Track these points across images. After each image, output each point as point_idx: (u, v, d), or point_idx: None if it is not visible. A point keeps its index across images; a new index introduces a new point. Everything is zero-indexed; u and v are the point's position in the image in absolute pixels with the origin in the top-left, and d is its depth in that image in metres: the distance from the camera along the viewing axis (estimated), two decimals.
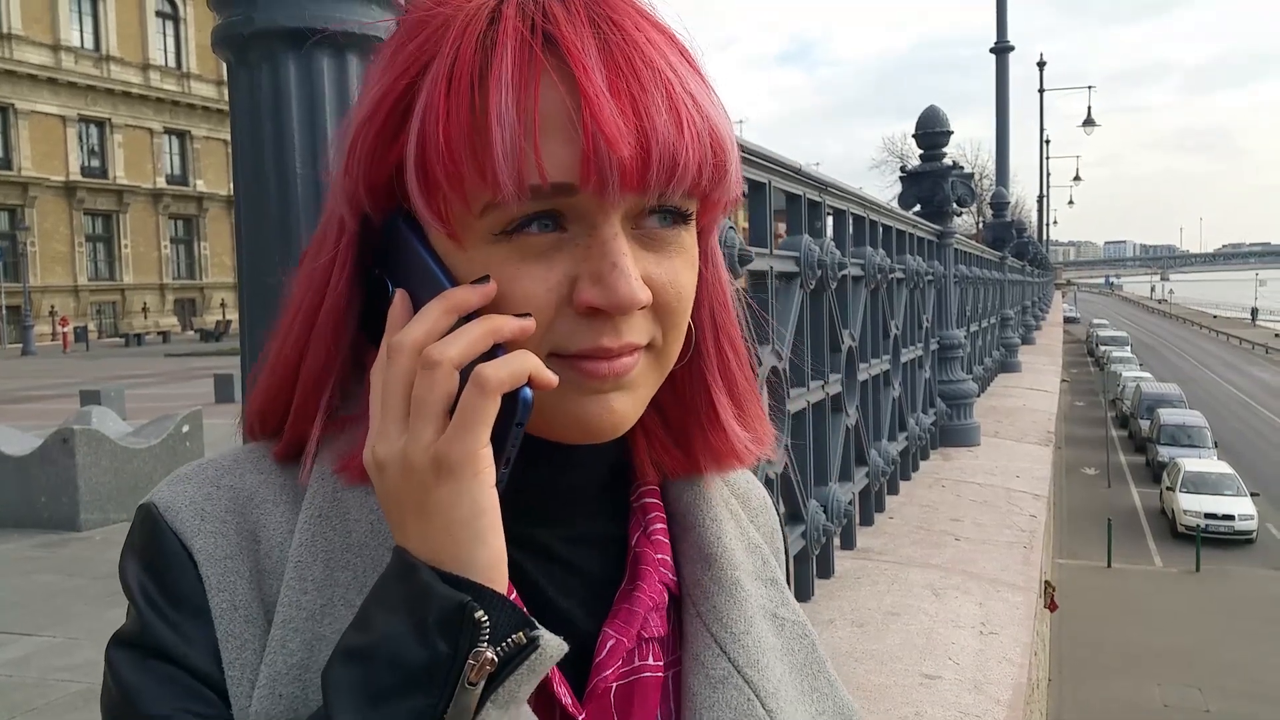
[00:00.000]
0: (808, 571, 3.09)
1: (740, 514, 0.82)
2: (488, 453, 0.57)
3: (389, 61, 0.64)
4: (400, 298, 0.63)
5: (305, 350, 0.68)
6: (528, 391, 0.58)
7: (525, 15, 0.60)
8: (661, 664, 0.73)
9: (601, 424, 0.64)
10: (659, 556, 0.75)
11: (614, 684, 0.70)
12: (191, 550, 0.65)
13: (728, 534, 0.78)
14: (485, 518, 0.57)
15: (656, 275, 0.63)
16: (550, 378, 0.60)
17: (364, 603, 0.59)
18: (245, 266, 1.17)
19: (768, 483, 2.69)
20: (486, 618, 0.55)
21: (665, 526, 0.77)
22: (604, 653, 0.69)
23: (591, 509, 0.74)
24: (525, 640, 0.56)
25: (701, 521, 0.77)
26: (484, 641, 0.55)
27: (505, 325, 0.59)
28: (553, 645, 0.57)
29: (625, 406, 0.65)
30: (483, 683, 0.55)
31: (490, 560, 0.57)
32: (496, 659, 0.55)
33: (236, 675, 0.63)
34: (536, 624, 0.57)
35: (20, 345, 35.35)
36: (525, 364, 0.58)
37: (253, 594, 0.65)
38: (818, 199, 3.22)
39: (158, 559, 0.66)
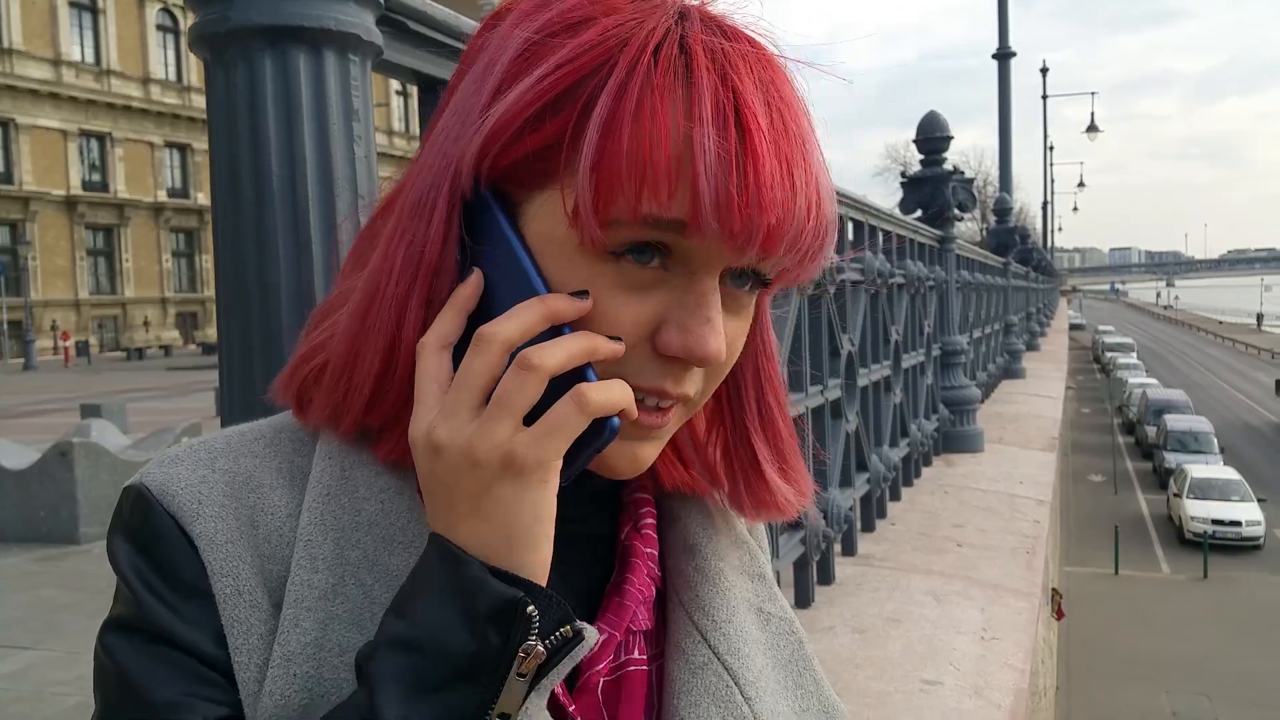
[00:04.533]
0: (808, 578, 3.06)
1: (726, 509, 0.82)
2: (559, 464, 0.58)
3: (535, 47, 0.62)
4: (476, 277, 0.63)
5: (401, 325, 0.64)
6: (616, 420, 0.60)
7: (716, 61, 0.60)
8: (646, 657, 0.74)
9: (622, 468, 0.66)
10: (648, 550, 0.75)
11: (602, 679, 0.70)
12: (191, 535, 0.63)
13: (713, 526, 0.80)
14: (543, 525, 0.58)
15: (725, 333, 0.64)
16: (634, 413, 0.61)
17: (404, 590, 0.59)
18: (223, 269, 1.15)
19: None
20: (537, 613, 0.56)
21: (655, 522, 0.78)
22: (596, 647, 0.69)
23: (585, 510, 0.74)
24: (572, 633, 0.58)
25: (688, 514, 0.79)
26: (534, 635, 0.56)
27: (601, 347, 0.60)
28: (591, 636, 0.59)
29: (649, 454, 0.67)
30: (531, 674, 0.56)
31: (539, 563, 0.58)
32: (546, 651, 0.56)
33: (244, 661, 0.62)
34: (575, 617, 0.58)
35: (22, 360, 35.34)
36: (624, 396, 0.60)
37: (255, 579, 0.64)
38: None
39: (154, 543, 0.64)
